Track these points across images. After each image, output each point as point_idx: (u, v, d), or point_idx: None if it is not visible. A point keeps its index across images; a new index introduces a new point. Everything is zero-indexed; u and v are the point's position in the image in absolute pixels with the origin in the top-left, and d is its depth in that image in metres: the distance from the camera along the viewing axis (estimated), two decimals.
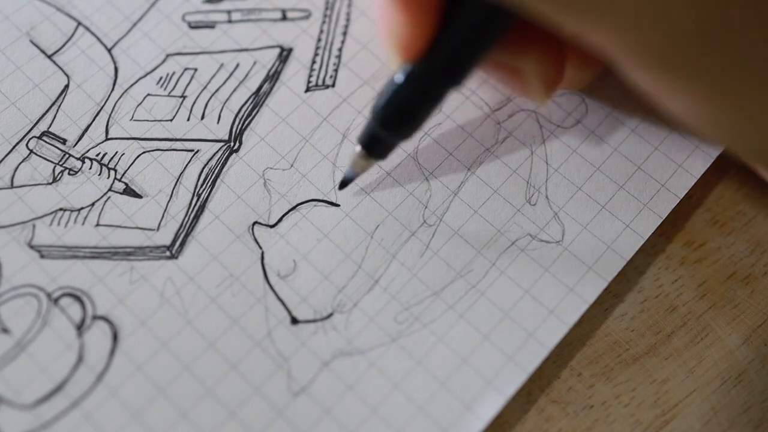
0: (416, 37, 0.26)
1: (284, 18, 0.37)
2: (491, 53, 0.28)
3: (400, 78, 0.28)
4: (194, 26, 0.37)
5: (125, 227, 0.33)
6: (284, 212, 0.33)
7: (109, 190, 0.33)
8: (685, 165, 0.35)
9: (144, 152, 0.34)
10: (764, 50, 0.21)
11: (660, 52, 0.21)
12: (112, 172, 0.34)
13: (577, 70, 0.32)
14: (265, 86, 0.36)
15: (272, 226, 0.33)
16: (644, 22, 0.21)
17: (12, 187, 0.33)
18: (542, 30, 0.27)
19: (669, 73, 0.22)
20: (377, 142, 0.30)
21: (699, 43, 0.21)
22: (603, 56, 0.23)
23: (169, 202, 0.33)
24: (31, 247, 0.32)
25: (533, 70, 0.30)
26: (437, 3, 0.26)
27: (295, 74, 0.36)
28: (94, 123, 0.35)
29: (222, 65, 0.36)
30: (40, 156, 0.34)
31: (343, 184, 0.33)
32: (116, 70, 0.36)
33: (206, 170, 0.34)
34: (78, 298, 0.31)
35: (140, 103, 0.35)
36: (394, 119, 0.29)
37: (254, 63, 0.36)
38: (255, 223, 0.33)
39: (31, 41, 0.36)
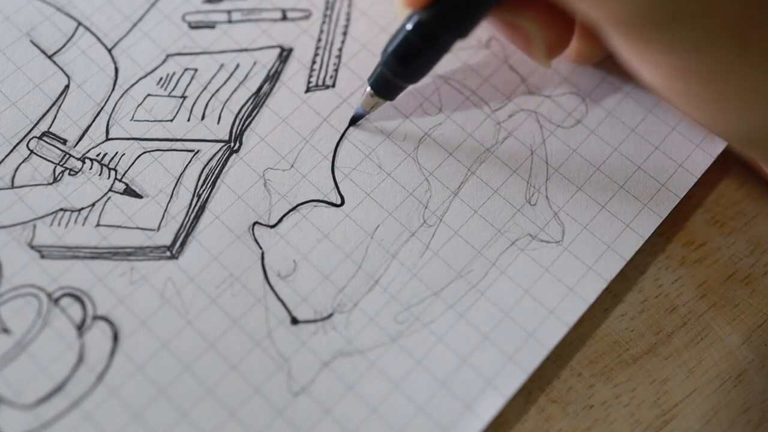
0: None
1: (284, 18, 0.37)
2: (497, 10, 0.29)
3: (410, 25, 0.30)
4: (194, 26, 0.37)
5: (125, 227, 0.33)
6: (284, 212, 0.33)
7: (110, 190, 0.33)
8: (685, 165, 0.35)
9: (144, 152, 0.34)
10: (733, 29, 0.22)
11: (635, 20, 0.22)
12: (113, 173, 0.34)
13: (587, 43, 0.33)
14: (266, 86, 0.36)
15: (272, 227, 0.33)
16: None
17: (12, 187, 0.33)
18: None
19: (644, 42, 0.23)
20: (385, 84, 0.33)
21: (670, 14, 0.21)
22: (588, 22, 0.24)
23: (169, 202, 0.33)
24: (32, 247, 0.32)
25: (537, 32, 0.31)
26: None
27: (295, 74, 0.36)
28: (94, 123, 0.35)
29: (222, 65, 0.36)
30: (40, 156, 0.34)
31: (354, 120, 0.35)
32: (116, 70, 0.36)
33: (206, 170, 0.34)
34: (78, 299, 0.31)
35: (140, 104, 0.35)
36: (401, 64, 0.31)
37: (254, 63, 0.36)
38: (255, 223, 0.33)
39: (32, 41, 0.36)
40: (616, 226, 0.33)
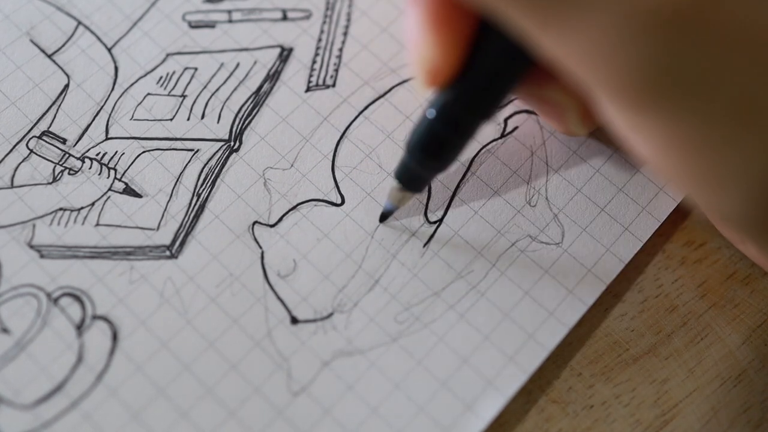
0: (446, 64, 0.26)
1: (285, 18, 0.37)
2: (523, 86, 0.27)
3: (432, 113, 0.28)
4: (194, 26, 0.37)
5: (125, 227, 0.33)
6: (284, 212, 0.33)
7: (109, 189, 0.33)
8: None
9: (144, 152, 0.34)
10: (737, 106, 0.21)
11: (634, 89, 0.21)
12: (112, 172, 0.34)
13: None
14: (266, 86, 0.36)
15: (272, 226, 0.33)
16: (615, 56, 0.20)
17: (12, 186, 0.33)
18: None
19: (640, 113, 0.22)
20: (412, 176, 0.31)
21: (672, 86, 0.20)
22: (584, 90, 0.23)
23: (169, 201, 0.33)
24: (31, 246, 0.32)
25: (567, 102, 0.29)
26: (468, 32, 0.25)
27: (295, 74, 0.36)
28: (94, 122, 0.35)
29: (222, 65, 0.36)
30: (40, 156, 0.34)
31: (383, 217, 0.33)
32: (116, 69, 0.36)
33: (206, 170, 0.34)
34: (78, 298, 0.31)
35: (140, 103, 0.35)
36: (428, 155, 0.29)
37: (254, 63, 0.36)
38: (255, 222, 0.33)
39: (31, 40, 0.36)
40: (615, 229, 0.33)
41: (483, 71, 0.26)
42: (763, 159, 0.22)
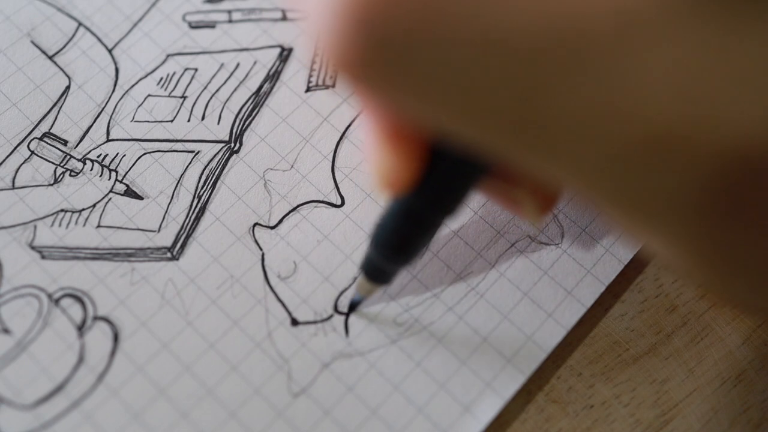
0: (405, 174, 0.25)
1: (284, 18, 0.37)
2: (483, 183, 0.27)
3: (394, 209, 0.27)
4: (195, 26, 0.37)
5: (126, 228, 0.33)
6: (285, 213, 0.33)
7: (110, 191, 0.33)
8: None
9: (145, 153, 0.34)
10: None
11: (638, 213, 0.21)
12: (113, 174, 0.34)
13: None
14: (266, 86, 0.36)
15: (273, 228, 0.33)
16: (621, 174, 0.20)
17: (13, 188, 0.33)
18: None
19: (644, 227, 0.22)
20: (378, 270, 0.30)
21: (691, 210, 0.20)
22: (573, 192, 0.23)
23: (170, 203, 0.33)
24: (32, 247, 0.32)
25: (526, 197, 0.29)
26: (424, 143, 0.25)
27: (295, 74, 0.36)
28: (95, 124, 0.35)
29: (222, 65, 0.36)
30: (41, 157, 0.34)
31: (352, 307, 0.32)
32: (117, 70, 0.36)
33: (207, 171, 0.34)
34: (79, 299, 0.31)
35: (141, 104, 0.35)
36: (393, 251, 0.28)
37: (254, 63, 0.36)
38: (255, 224, 0.33)
39: (32, 42, 0.36)
40: (615, 229, 0.33)
41: (443, 177, 0.26)
42: None
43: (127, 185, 0.34)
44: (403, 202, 0.27)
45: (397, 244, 0.28)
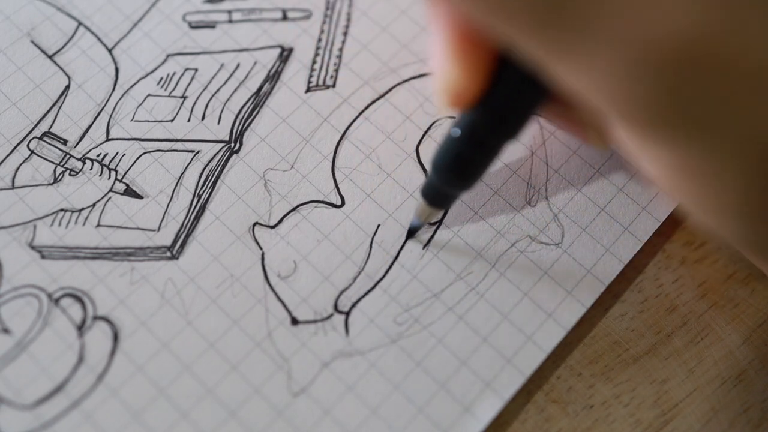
0: (471, 87, 0.26)
1: (285, 18, 0.37)
2: (546, 105, 0.27)
3: (456, 132, 0.28)
4: (195, 26, 0.37)
5: (126, 228, 0.33)
6: (285, 213, 0.33)
7: (110, 190, 0.33)
8: None
9: (145, 153, 0.34)
10: (743, 142, 0.21)
11: (642, 117, 0.21)
12: (113, 173, 0.34)
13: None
14: (266, 86, 0.36)
15: (273, 227, 0.33)
16: (625, 88, 0.21)
17: (13, 187, 0.33)
18: None
19: (649, 138, 0.22)
20: (438, 194, 0.31)
21: (680, 118, 0.21)
22: (593, 111, 0.23)
23: (169, 202, 0.33)
24: (32, 247, 0.32)
25: (589, 121, 0.29)
26: (492, 56, 0.25)
27: (295, 74, 0.36)
28: (94, 124, 0.35)
29: (222, 65, 0.36)
30: (41, 157, 0.34)
31: (411, 233, 0.33)
32: (117, 70, 0.36)
33: (207, 171, 0.34)
34: (79, 299, 0.31)
35: (141, 104, 0.35)
36: (454, 174, 0.29)
37: (255, 63, 0.36)
38: (255, 223, 0.33)
39: (32, 41, 0.36)
40: (615, 229, 0.33)
41: (507, 93, 0.26)
42: (762, 189, 0.22)
43: (126, 184, 0.34)
44: (466, 123, 0.27)
45: (458, 168, 0.28)
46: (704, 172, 0.23)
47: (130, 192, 0.33)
